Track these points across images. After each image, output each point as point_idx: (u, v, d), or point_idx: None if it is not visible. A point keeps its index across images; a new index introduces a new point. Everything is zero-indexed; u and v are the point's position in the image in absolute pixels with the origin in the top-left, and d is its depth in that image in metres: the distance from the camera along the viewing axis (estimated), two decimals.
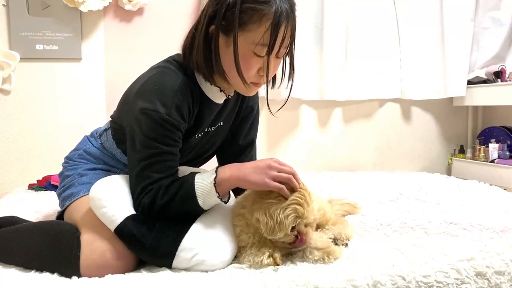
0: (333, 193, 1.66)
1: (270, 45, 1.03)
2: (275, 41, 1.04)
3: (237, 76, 1.07)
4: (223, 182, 1.05)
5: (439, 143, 2.89)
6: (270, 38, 1.03)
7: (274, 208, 1.00)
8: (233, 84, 1.12)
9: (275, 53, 1.06)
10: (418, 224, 1.39)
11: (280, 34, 1.04)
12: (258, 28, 1.03)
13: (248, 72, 1.07)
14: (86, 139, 1.34)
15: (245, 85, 1.09)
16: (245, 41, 1.04)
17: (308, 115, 2.65)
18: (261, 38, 1.03)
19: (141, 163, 1.06)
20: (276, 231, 0.99)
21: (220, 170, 1.07)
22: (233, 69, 1.07)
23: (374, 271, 0.98)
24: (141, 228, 1.01)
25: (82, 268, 0.98)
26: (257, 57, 1.06)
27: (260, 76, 1.10)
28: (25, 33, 2.17)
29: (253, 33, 1.03)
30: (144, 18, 2.33)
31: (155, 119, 1.03)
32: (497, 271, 1.05)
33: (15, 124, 2.19)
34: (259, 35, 1.03)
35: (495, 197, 1.83)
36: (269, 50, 1.04)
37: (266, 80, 1.09)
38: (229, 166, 1.08)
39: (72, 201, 1.17)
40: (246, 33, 1.04)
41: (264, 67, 1.07)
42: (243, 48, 1.05)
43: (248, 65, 1.06)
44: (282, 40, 1.05)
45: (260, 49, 1.05)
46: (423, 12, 2.63)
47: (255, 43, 1.04)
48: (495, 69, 2.52)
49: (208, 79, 1.13)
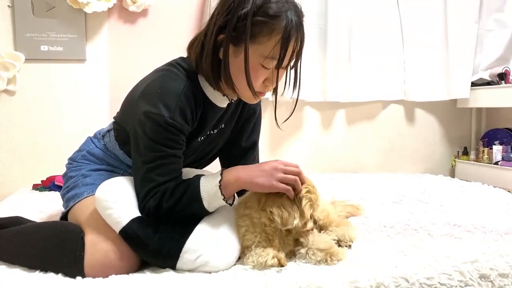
0: (336, 194, 1.65)
1: (279, 59, 1.05)
2: (284, 55, 1.05)
3: (244, 85, 1.08)
4: (229, 185, 1.06)
5: (442, 145, 2.89)
6: (280, 52, 1.04)
7: (288, 201, 1.05)
8: (238, 92, 1.12)
9: (284, 66, 1.08)
10: (421, 226, 1.39)
11: (290, 48, 1.05)
12: (268, 41, 1.04)
13: (255, 83, 1.08)
14: (89, 140, 1.34)
15: (253, 95, 1.10)
16: (254, 54, 1.05)
17: (311, 116, 2.65)
18: (270, 52, 1.04)
19: (145, 166, 1.06)
20: (290, 221, 1.03)
21: (225, 173, 1.07)
22: (240, 78, 1.08)
23: (377, 273, 0.98)
24: (146, 230, 1.02)
25: (86, 269, 0.99)
26: (264, 68, 1.07)
27: (265, 86, 1.12)
28: (30, 34, 2.18)
29: (262, 46, 1.04)
30: (148, 19, 2.34)
31: (158, 123, 1.03)
32: (501, 274, 1.04)
33: (19, 124, 2.20)
34: (268, 48, 1.04)
35: (498, 199, 1.82)
36: (278, 64, 1.06)
37: (275, 92, 1.12)
38: (235, 169, 1.09)
39: (76, 202, 1.18)
40: (255, 45, 1.05)
41: (273, 80, 1.10)
42: (251, 60, 1.05)
43: (255, 76, 1.08)
44: (292, 53, 1.07)
45: (269, 62, 1.06)
46: (427, 14, 2.62)
47: (264, 56, 1.05)
48: (499, 71, 2.52)
49: (213, 85, 1.14)
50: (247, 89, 1.08)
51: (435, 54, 2.64)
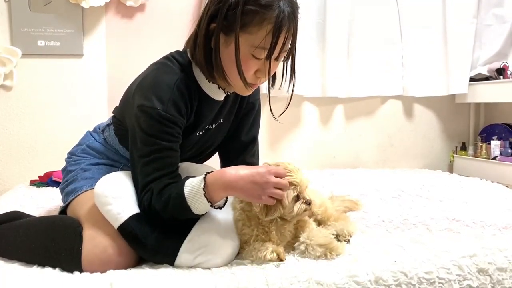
0: (335, 190, 1.65)
1: (270, 49, 1.03)
2: (275, 46, 1.03)
3: (236, 76, 1.07)
4: (216, 193, 1.00)
5: (441, 140, 2.89)
6: (271, 42, 1.02)
7: None
8: (231, 82, 1.11)
9: (275, 57, 1.06)
10: (420, 221, 1.39)
11: (281, 39, 1.03)
12: (258, 31, 1.02)
13: (246, 73, 1.07)
14: (89, 134, 1.34)
15: (245, 85, 1.08)
16: (245, 43, 1.04)
17: (310, 112, 2.65)
18: (261, 42, 1.02)
19: (141, 160, 1.06)
20: (270, 212, 1.01)
21: (210, 184, 1.00)
22: (231, 68, 1.07)
23: (376, 268, 0.98)
24: (144, 229, 1.01)
25: (84, 263, 0.99)
26: (255, 59, 1.06)
27: (257, 77, 1.10)
28: (27, 29, 2.16)
29: (253, 36, 1.03)
30: (145, 14, 2.33)
31: (152, 116, 1.03)
32: (499, 268, 1.05)
33: (16, 120, 2.19)
34: (259, 38, 1.02)
35: (497, 194, 1.83)
36: (269, 54, 1.04)
37: (268, 84, 1.10)
38: (222, 177, 1.01)
39: (75, 196, 1.17)
40: (246, 35, 1.03)
41: (265, 71, 1.08)
42: (242, 50, 1.04)
43: (246, 66, 1.06)
44: (283, 45, 1.05)
45: (260, 52, 1.04)
46: (426, 9, 2.62)
47: (255, 46, 1.03)
48: (497, 66, 2.51)
49: (208, 76, 1.13)
50: (238, 80, 1.07)
51: (433, 50, 2.64)
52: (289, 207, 1.03)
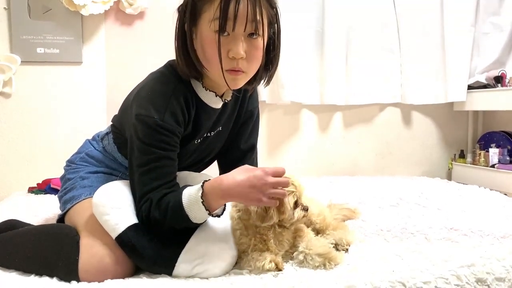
0: (333, 198, 1.65)
1: (220, 17, 1.00)
2: (226, 14, 0.99)
3: (213, 65, 1.05)
4: (214, 201, 1.00)
5: (439, 148, 2.89)
6: (221, 8, 0.99)
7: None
8: (213, 77, 1.09)
9: (231, 28, 1.01)
10: (419, 229, 1.38)
11: (232, 4, 0.99)
12: (210, 6, 1.02)
13: (219, 57, 1.02)
14: (88, 142, 1.34)
15: (222, 72, 1.04)
16: (204, 24, 1.04)
17: (308, 119, 2.65)
18: (213, 14, 1.00)
19: (139, 169, 1.06)
20: (267, 217, 1.02)
21: (208, 192, 0.99)
22: (206, 57, 1.06)
23: (374, 277, 0.98)
24: (142, 239, 1.01)
25: (81, 273, 0.98)
26: (218, 36, 1.01)
27: (232, 60, 1.05)
28: (26, 36, 2.17)
29: (207, 13, 1.02)
30: (145, 21, 2.34)
31: (149, 125, 1.04)
32: (498, 278, 1.04)
33: (15, 127, 2.19)
34: (212, 12, 1.01)
35: (495, 202, 1.82)
36: (223, 22, 1.00)
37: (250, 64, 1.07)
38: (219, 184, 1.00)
39: (73, 204, 1.17)
40: (203, 15, 1.04)
41: (236, 48, 1.02)
42: (205, 31, 1.04)
43: (213, 45, 1.02)
44: (236, 12, 1.00)
45: (216, 24, 1.01)
46: (424, 17, 2.63)
47: (210, 20, 1.01)
48: (495, 74, 2.53)
49: (199, 80, 1.13)
50: (218, 68, 1.04)
51: (431, 57, 2.65)
52: (290, 214, 1.03)
